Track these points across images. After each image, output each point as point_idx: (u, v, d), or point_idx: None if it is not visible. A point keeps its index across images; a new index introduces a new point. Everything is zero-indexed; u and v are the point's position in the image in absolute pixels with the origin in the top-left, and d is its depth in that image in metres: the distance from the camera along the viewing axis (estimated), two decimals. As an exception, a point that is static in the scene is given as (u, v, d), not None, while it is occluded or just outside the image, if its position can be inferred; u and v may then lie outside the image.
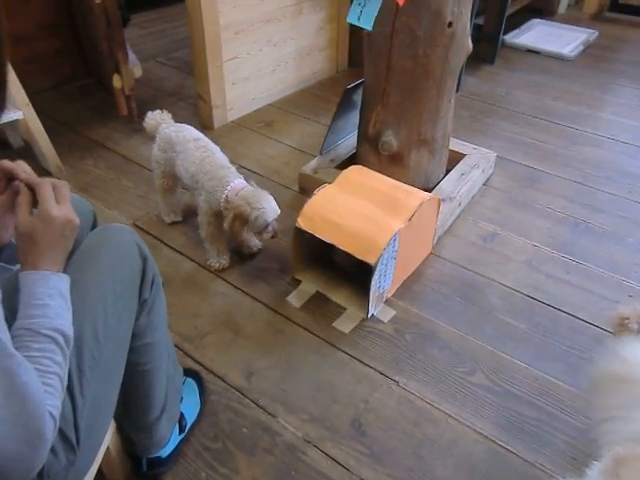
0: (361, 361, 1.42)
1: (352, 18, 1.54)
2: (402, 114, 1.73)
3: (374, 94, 1.76)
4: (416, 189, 1.63)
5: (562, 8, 4.05)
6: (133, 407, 1.10)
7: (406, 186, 1.63)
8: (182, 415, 1.23)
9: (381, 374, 1.38)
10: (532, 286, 1.66)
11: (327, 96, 2.77)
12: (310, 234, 1.51)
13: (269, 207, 1.52)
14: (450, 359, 1.43)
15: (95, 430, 0.88)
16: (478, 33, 3.08)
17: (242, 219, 1.51)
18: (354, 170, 1.69)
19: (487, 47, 3.14)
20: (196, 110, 2.52)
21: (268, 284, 1.65)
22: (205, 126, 2.43)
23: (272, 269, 1.71)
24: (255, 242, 1.76)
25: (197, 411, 1.29)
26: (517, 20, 3.61)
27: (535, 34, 3.60)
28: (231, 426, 1.26)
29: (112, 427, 1.04)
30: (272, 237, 1.57)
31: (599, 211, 1.99)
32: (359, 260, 1.48)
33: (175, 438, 1.21)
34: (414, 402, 1.32)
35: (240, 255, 1.75)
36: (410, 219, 1.49)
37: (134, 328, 0.98)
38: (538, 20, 3.78)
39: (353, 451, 1.22)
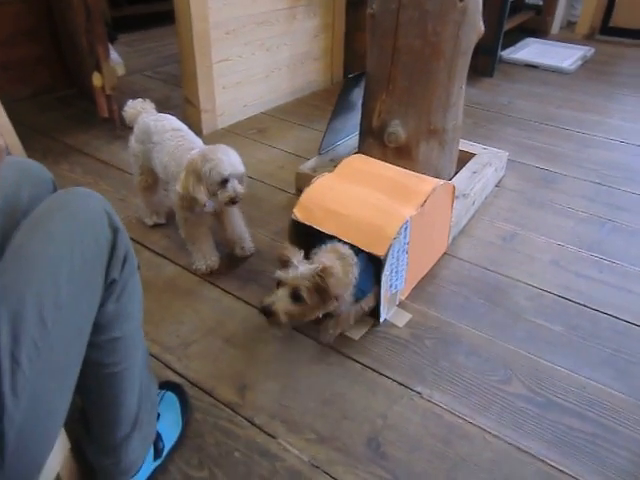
0: (375, 370, 1.20)
1: None
2: (410, 101, 1.58)
3: (379, 81, 1.61)
4: (426, 176, 1.45)
5: (555, 29, 4.03)
6: (96, 422, 0.87)
7: (415, 173, 1.45)
8: (159, 436, 1.00)
9: (400, 384, 1.16)
10: (563, 286, 1.46)
11: (322, 105, 2.63)
12: (308, 226, 1.31)
13: (226, 159, 1.28)
14: (479, 366, 1.21)
15: (32, 444, 0.65)
16: (476, 46, 3.00)
17: (196, 174, 1.28)
18: (356, 158, 1.52)
19: (486, 60, 3.05)
20: (184, 117, 2.35)
21: (263, 288, 1.44)
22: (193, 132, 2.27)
23: (267, 272, 1.50)
24: (249, 245, 1.55)
25: (178, 432, 1.05)
26: (511, 39, 3.56)
27: (531, 51, 3.54)
28: (220, 450, 1.03)
29: (64, 447, 0.81)
30: (232, 202, 1.30)
31: (624, 210, 1.82)
32: None
33: (149, 465, 0.97)
34: (442, 416, 1.09)
35: (231, 258, 1.55)
36: (422, 205, 1.30)
37: (99, 317, 0.77)
38: (532, 39, 3.74)
39: (371, 476, 0.98)
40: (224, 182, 1.28)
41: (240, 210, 1.51)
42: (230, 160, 1.29)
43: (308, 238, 1.30)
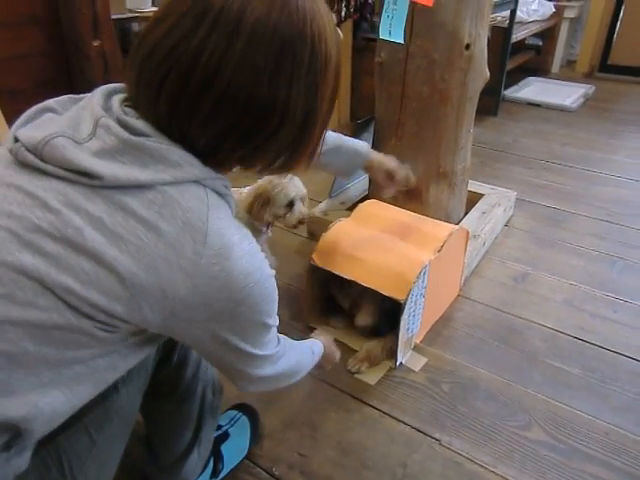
0: (393, 417, 1.19)
1: (384, 33, 1.45)
2: (419, 145, 1.61)
3: (388, 126, 1.65)
4: (441, 222, 1.47)
5: (555, 68, 4.13)
6: (156, 445, 0.91)
7: (430, 219, 1.48)
8: (221, 457, 1.01)
9: (419, 432, 1.15)
10: (578, 327, 1.46)
11: (330, 147, 2.68)
12: (327, 272, 1.32)
13: (290, 182, 1.37)
14: (498, 411, 1.20)
15: None
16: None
17: (263, 198, 1.36)
18: (371, 203, 1.55)
19: (489, 100, 3.12)
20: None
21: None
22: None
23: (282, 316, 1.49)
24: None
25: (241, 458, 1.06)
26: (513, 78, 3.64)
27: (533, 89, 3.62)
28: (239, 502, 1.02)
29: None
30: (300, 222, 1.39)
31: (634, 247, 1.83)
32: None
33: None
34: (463, 464, 1.08)
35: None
36: (440, 250, 1.31)
37: (157, 375, 0.78)
38: (534, 78, 3.83)
39: (394, 530, 0.96)
40: (290, 204, 1.36)
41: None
42: (294, 182, 1.37)
43: (326, 283, 1.32)
